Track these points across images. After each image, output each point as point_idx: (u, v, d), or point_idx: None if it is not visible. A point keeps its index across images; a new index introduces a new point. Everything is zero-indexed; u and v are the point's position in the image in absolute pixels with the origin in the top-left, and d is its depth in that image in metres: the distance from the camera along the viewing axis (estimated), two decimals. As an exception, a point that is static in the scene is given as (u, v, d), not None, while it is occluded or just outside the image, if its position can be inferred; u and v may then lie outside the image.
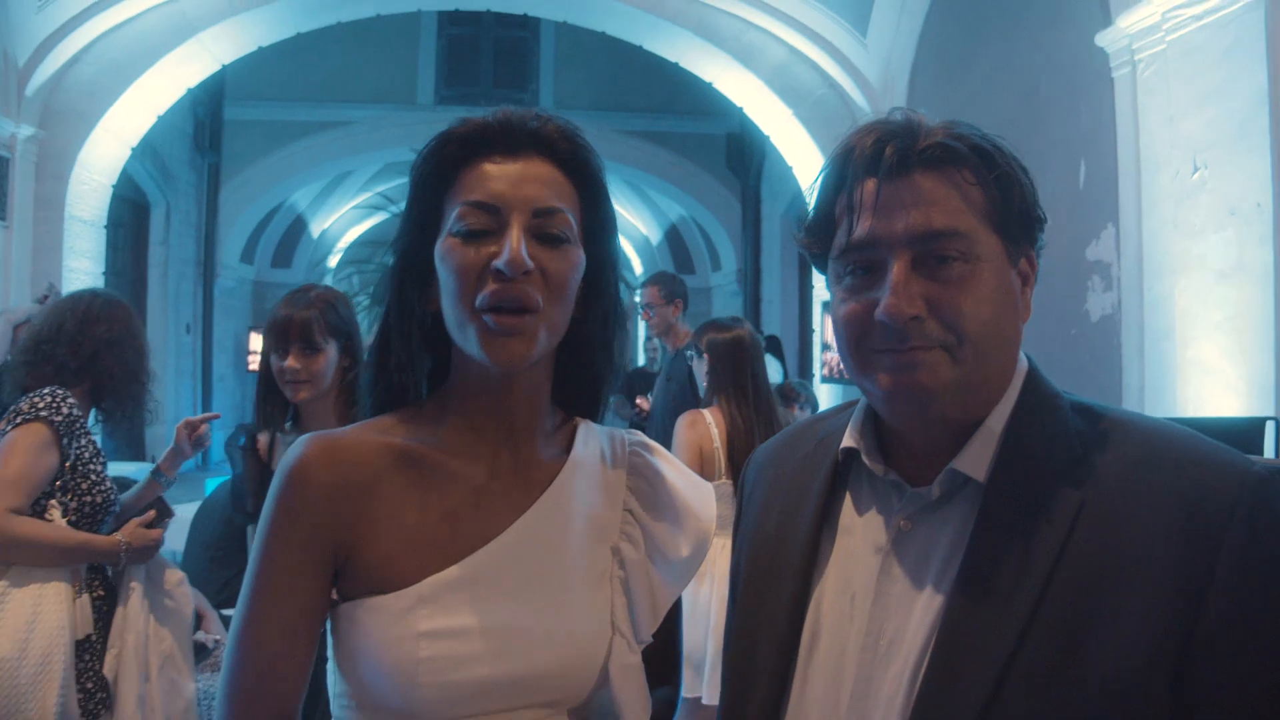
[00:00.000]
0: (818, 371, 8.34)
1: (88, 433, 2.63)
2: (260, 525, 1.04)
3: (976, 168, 0.95)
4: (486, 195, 1.03)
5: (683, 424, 3.43)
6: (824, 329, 8.06)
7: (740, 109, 8.61)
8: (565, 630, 1.05)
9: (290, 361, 2.33)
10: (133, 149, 7.68)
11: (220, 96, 11.76)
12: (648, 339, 7.90)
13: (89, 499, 2.57)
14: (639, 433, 1.25)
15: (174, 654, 2.73)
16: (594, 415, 1.20)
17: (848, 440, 1.05)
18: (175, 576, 2.81)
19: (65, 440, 2.50)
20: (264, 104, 12.04)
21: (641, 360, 8.01)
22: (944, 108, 0.98)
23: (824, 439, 1.11)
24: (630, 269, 15.38)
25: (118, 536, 2.58)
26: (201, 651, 3.51)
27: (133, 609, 2.59)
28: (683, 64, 8.24)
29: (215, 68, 7.72)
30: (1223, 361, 3.77)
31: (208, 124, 11.91)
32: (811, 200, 1.04)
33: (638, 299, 4.94)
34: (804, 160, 8.36)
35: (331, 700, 1.07)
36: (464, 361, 1.08)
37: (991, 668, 0.87)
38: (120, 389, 2.72)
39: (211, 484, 5.83)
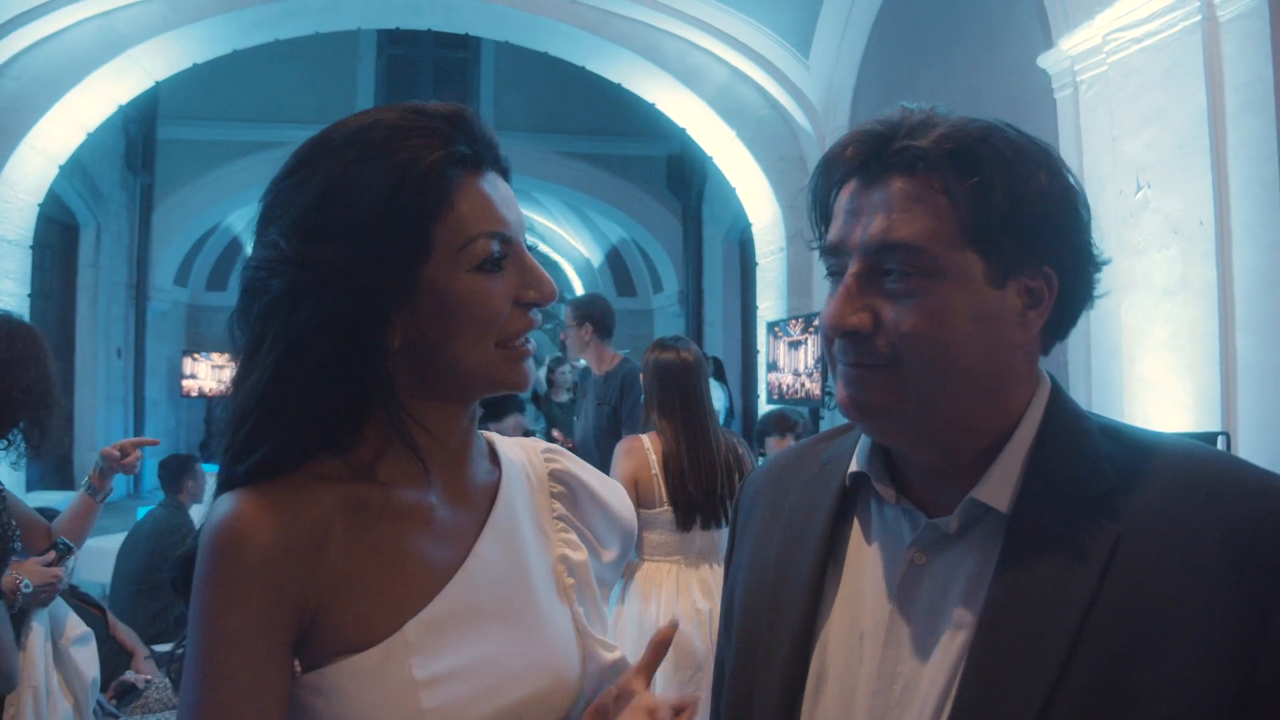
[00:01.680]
0: (763, 393, 8.32)
1: None
2: (198, 606, 0.88)
3: (948, 175, 0.86)
4: (504, 225, 0.97)
5: (619, 453, 3.36)
6: (768, 349, 8.05)
7: (682, 130, 8.62)
8: (548, 647, 1.01)
9: None
10: (61, 167, 7.44)
11: (154, 115, 11.49)
12: (558, 368, 7.75)
13: None
14: (542, 440, 1.22)
15: (70, 716, 2.54)
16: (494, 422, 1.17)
17: (855, 465, 0.98)
18: (76, 630, 2.64)
19: None
20: (199, 123, 11.80)
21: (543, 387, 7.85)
22: (882, 112, 0.94)
23: (828, 463, 1.04)
24: (572, 290, 15.33)
25: (13, 575, 2.42)
26: (130, 692, 3.36)
27: (31, 657, 2.43)
28: (625, 85, 8.23)
29: (148, 84, 7.52)
30: (1169, 378, 3.81)
31: (140, 143, 11.61)
32: (809, 199, 0.98)
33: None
34: (746, 181, 8.39)
35: None
36: (425, 390, 0.98)
37: (1023, 718, 0.79)
38: (20, 413, 2.54)
39: (143, 512, 5.64)
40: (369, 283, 0.92)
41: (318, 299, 0.91)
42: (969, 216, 0.86)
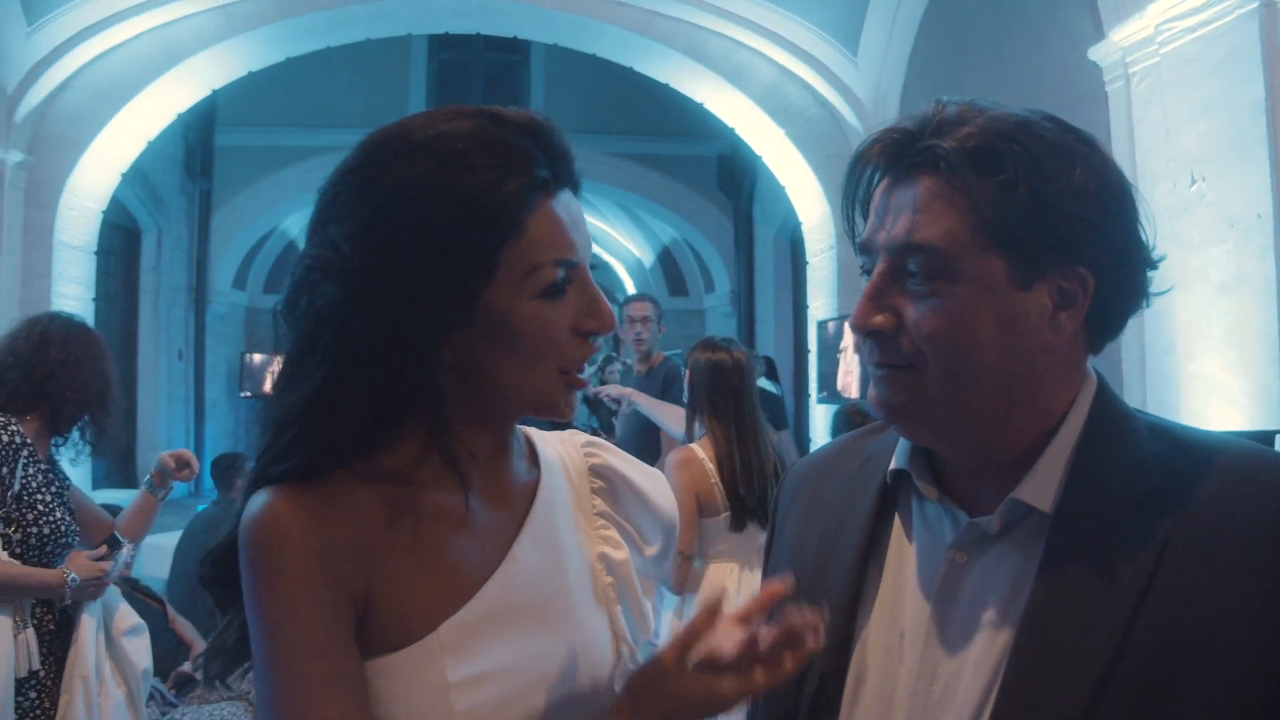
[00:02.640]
0: (813, 392, 8.28)
1: (39, 460, 2.53)
2: (258, 613, 0.88)
3: (968, 175, 0.84)
4: (570, 250, 0.94)
5: (674, 465, 3.28)
6: (819, 348, 8.01)
7: (731, 130, 8.60)
8: (579, 654, 0.98)
9: None
10: (123, 175, 7.65)
11: (211, 122, 11.73)
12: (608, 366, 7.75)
13: (35, 530, 2.46)
14: (578, 431, 1.19)
15: (124, 705, 2.58)
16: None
17: (897, 462, 0.96)
18: (128, 622, 2.68)
19: (2, 469, 2.41)
20: (255, 129, 12.01)
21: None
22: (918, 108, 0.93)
23: (869, 459, 1.02)
24: (623, 291, 15.37)
25: (63, 569, 2.48)
26: (188, 683, 3.44)
27: (82, 648, 2.47)
28: (673, 85, 8.23)
29: (205, 92, 7.69)
30: (1226, 375, 3.73)
31: (199, 149, 11.87)
32: (843, 196, 0.96)
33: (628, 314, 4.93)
34: (796, 180, 8.35)
35: None
36: (478, 406, 0.97)
37: None
38: (77, 413, 2.62)
39: (201, 510, 5.78)
40: (430, 302, 0.89)
41: (374, 313, 0.89)
42: (991, 217, 0.84)
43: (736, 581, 3.20)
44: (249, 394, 12.94)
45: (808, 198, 8.35)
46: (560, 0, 7.39)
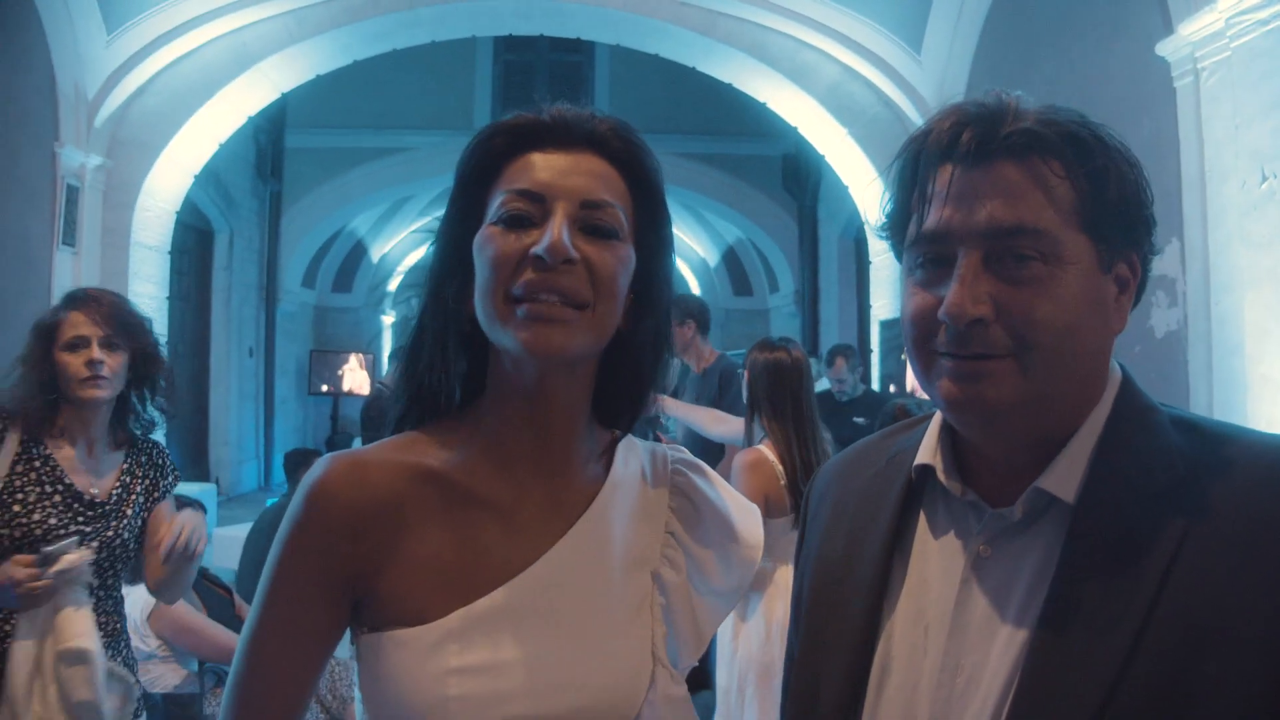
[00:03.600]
0: (877, 390, 8.22)
1: (32, 458, 2.35)
2: (274, 545, 0.99)
3: (1068, 159, 0.85)
4: (531, 183, 0.96)
5: (743, 467, 3.26)
6: (881, 348, 7.95)
7: (795, 129, 8.56)
8: (604, 664, 0.98)
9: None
10: (196, 177, 7.86)
11: (281, 124, 12.02)
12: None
13: (5, 532, 2.26)
14: (683, 449, 1.17)
15: None
16: (629, 429, 1.12)
17: (922, 457, 0.97)
18: (68, 643, 2.16)
19: None
20: (324, 131, 12.28)
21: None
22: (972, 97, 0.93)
23: (896, 456, 1.03)
24: (687, 288, 15.38)
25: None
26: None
27: (13, 665, 2.15)
28: (736, 85, 8.22)
29: (275, 96, 7.87)
30: (1295, 378, 3.63)
31: (269, 151, 12.18)
32: (888, 185, 0.96)
33: None
34: (860, 179, 8.28)
35: None
36: (499, 368, 1.01)
37: (1083, 714, 0.78)
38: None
39: (271, 503, 5.93)
40: (444, 244, 1.03)
41: (430, 282, 1.04)
42: (1086, 202, 0.85)
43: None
44: (327, 389, 13.20)
45: (871, 197, 8.27)
46: (623, 1, 7.43)
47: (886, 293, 8.27)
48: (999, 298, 0.85)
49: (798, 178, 12.73)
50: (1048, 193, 0.85)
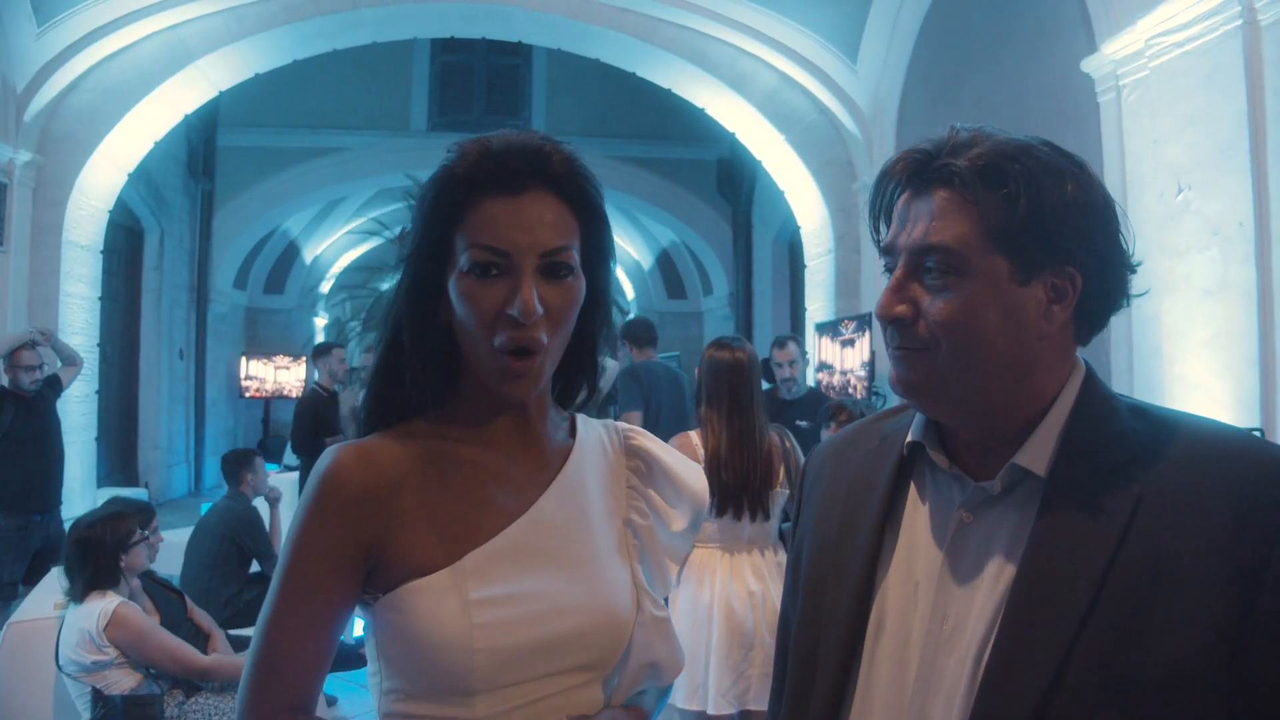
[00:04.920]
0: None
1: None
2: (292, 525, 1.11)
3: (978, 188, 0.99)
4: (498, 240, 1.10)
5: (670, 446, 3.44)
6: (817, 350, 8.12)
7: (731, 134, 8.73)
8: (597, 593, 1.14)
9: None
10: (129, 175, 7.74)
11: (214, 123, 11.83)
12: None
13: None
14: (625, 424, 1.36)
15: None
16: (568, 406, 1.30)
17: (912, 436, 1.12)
18: None
19: None
20: (257, 130, 12.12)
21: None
22: (933, 132, 1.08)
23: (887, 436, 1.18)
24: (622, 293, 15.48)
25: None
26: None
27: None
28: (675, 90, 8.36)
29: (212, 94, 7.80)
30: (1209, 377, 3.86)
31: (201, 150, 11.96)
32: (871, 207, 1.13)
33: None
34: (795, 185, 8.47)
35: (379, 701, 1.13)
36: (478, 373, 1.16)
37: (1055, 652, 0.92)
38: None
39: (205, 508, 5.87)
40: (420, 266, 1.15)
41: (404, 272, 1.17)
42: (996, 223, 0.98)
43: (729, 567, 3.32)
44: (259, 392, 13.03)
45: (807, 202, 8.47)
46: (565, 6, 7.52)
47: (822, 296, 8.46)
48: (920, 302, 1.02)
49: (732, 182, 12.91)
50: (962, 216, 1.00)
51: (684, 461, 1.32)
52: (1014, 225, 0.98)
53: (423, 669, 1.07)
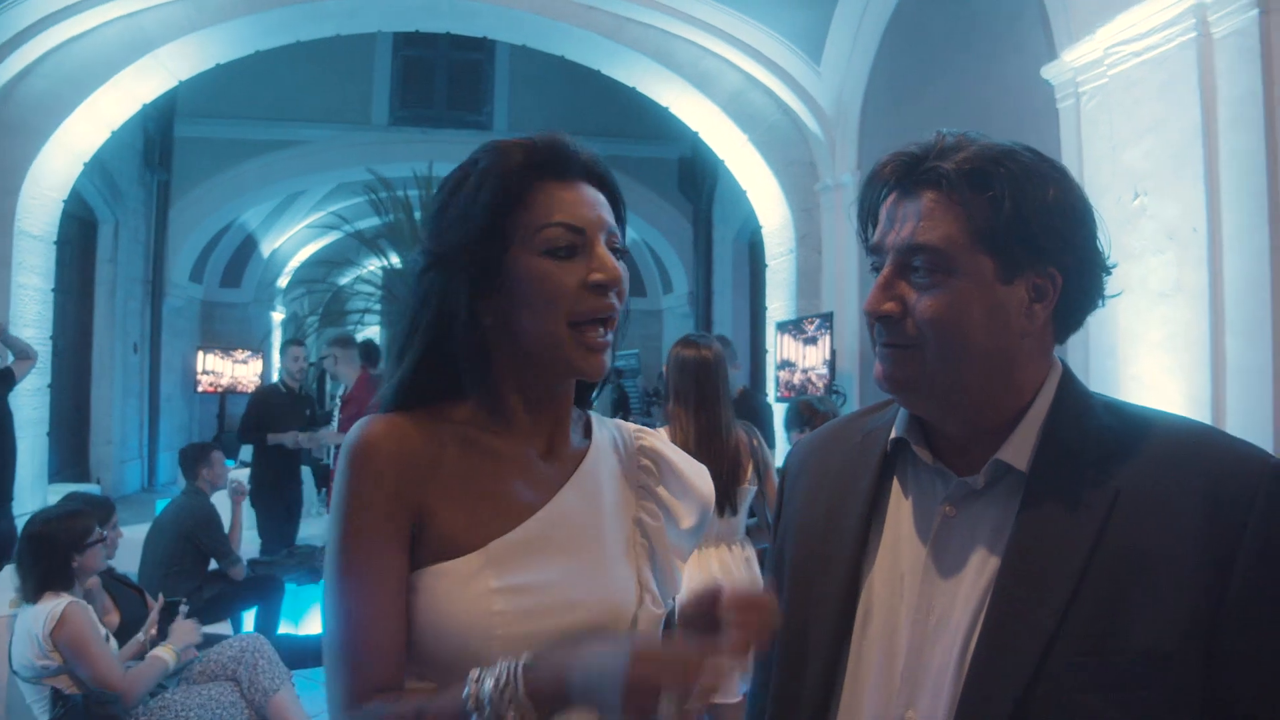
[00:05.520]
0: (771, 390, 8.47)
1: None
2: (337, 501, 1.10)
3: (964, 190, 1.03)
4: (575, 219, 1.14)
5: None
6: (778, 348, 8.19)
7: (694, 133, 8.77)
8: (604, 588, 1.17)
9: None
10: (84, 164, 7.61)
11: (171, 113, 11.64)
12: None
13: None
14: (635, 424, 1.38)
15: None
16: (583, 404, 1.32)
17: (896, 432, 1.15)
18: None
19: None
20: (216, 121, 11.95)
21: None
22: (895, 136, 1.13)
23: (870, 432, 1.22)
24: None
25: None
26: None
27: None
28: (639, 89, 8.38)
29: (172, 84, 7.68)
30: (1163, 378, 3.95)
31: (158, 140, 11.77)
32: (859, 208, 1.16)
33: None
34: (757, 184, 8.53)
35: None
36: (523, 366, 1.17)
37: (1038, 640, 0.96)
38: None
39: (163, 505, 5.80)
40: (461, 262, 1.15)
41: (433, 273, 1.17)
42: (982, 225, 1.02)
43: (695, 558, 3.35)
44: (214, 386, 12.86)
45: (769, 202, 8.54)
46: (531, 2, 7.51)
47: (783, 295, 8.53)
48: (908, 299, 1.06)
49: (694, 181, 12.96)
50: (949, 217, 1.04)
51: (691, 462, 1.35)
52: (998, 226, 1.02)
53: (440, 650, 1.08)
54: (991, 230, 1.02)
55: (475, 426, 1.18)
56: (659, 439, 1.34)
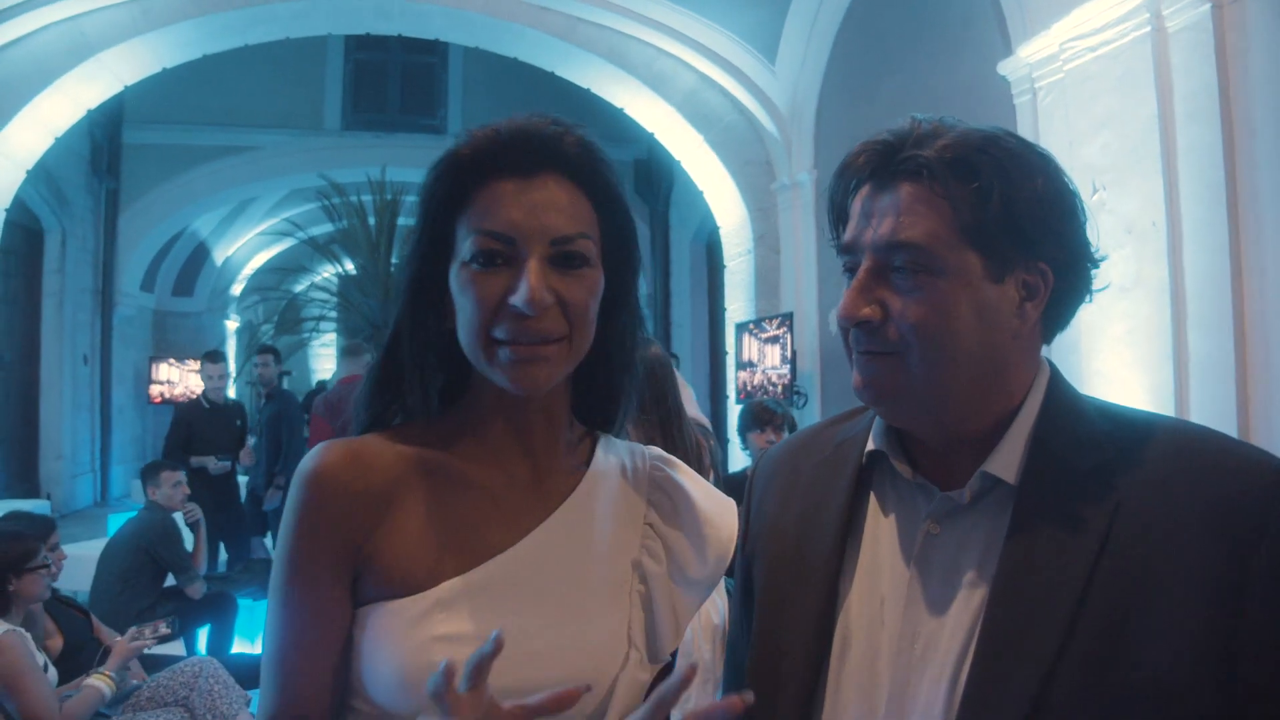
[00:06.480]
0: (731, 393, 8.44)
1: None
2: (283, 526, 1.03)
3: (949, 181, 0.94)
4: (502, 225, 0.99)
5: None
6: (739, 349, 8.17)
7: (649, 134, 8.72)
8: (581, 641, 1.02)
9: None
10: (27, 172, 7.41)
11: (119, 119, 11.37)
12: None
13: None
14: (657, 448, 1.22)
15: None
16: (611, 426, 1.17)
17: (872, 444, 1.06)
18: None
19: None
20: (165, 127, 11.69)
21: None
22: (851, 133, 1.04)
23: (842, 443, 1.11)
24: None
25: None
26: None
27: None
28: (594, 90, 8.31)
29: (117, 88, 7.50)
30: (1125, 372, 3.96)
31: (106, 147, 11.48)
32: (828, 203, 1.06)
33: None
34: (714, 185, 8.50)
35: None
36: (481, 379, 1.06)
37: (1037, 669, 0.87)
38: None
39: (115, 519, 5.66)
40: (422, 259, 1.06)
41: (405, 268, 1.08)
42: (968, 219, 0.94)
43: None
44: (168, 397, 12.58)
45: (726, 202, 8.51)
46: (483, 4, 7.42)
47: (742, 296, 8.50)
48: (889, 303, 0.96)
49: (650, 182, 12.90)
50: (932, 211, 0.94)
51: (716, 498, 1.17)
52: (987, 220, 0.94)
53: (380, 692, 0.99)
54: (979, 225, 0.94)
55: (449, 450, 1.06)
56: (680, 469, 1.18)
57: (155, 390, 12.64)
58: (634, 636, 1.07)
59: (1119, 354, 4.00)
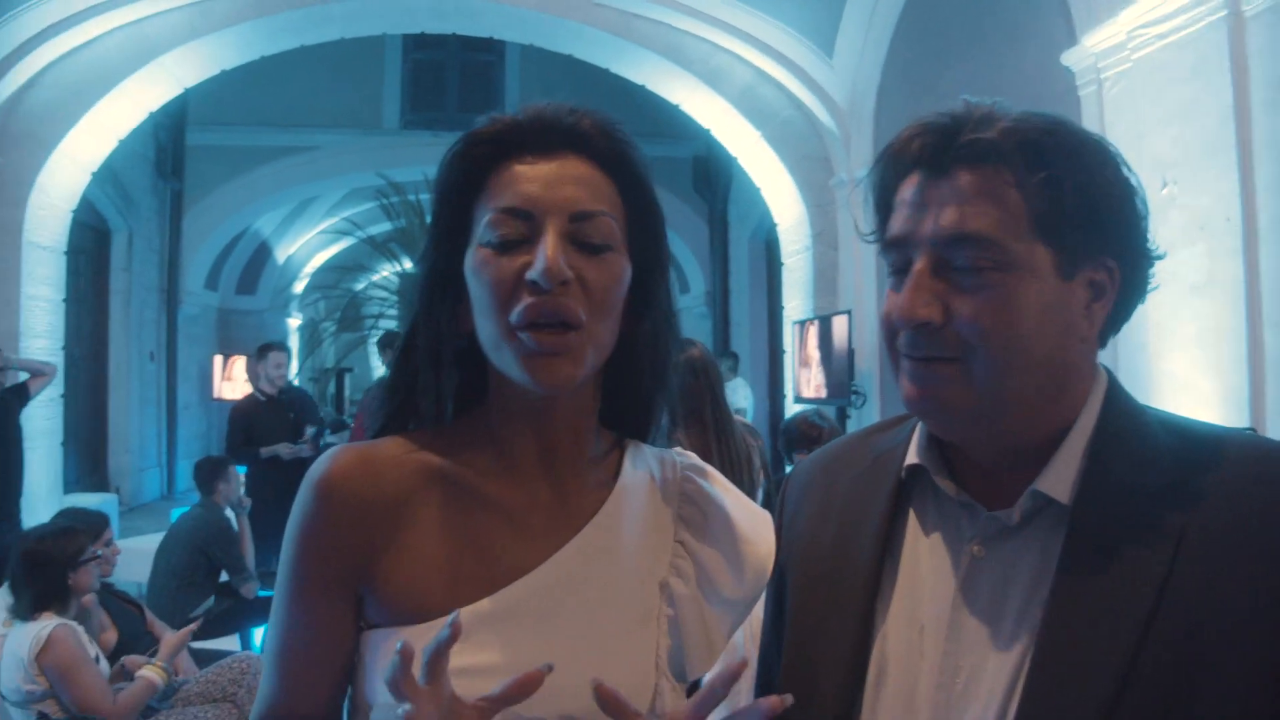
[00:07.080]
0: (789, 393, 8.33)
1: None
2: (288, 530, 0.98)
3: (1019, 167, 0.85)
4: (518, 199, 0.93)
5: None
6: (796, 349, 8.05)
7: (707, 131, 8.63)
8: (604, 671, 0.92)
9: None
10: (93, 174, 7.56)
11: (182, 121, 11.62)
12: None
13: None
14: (692, 454, 1.13)
15: None
16: (644, 436, 1.10)
17: (912, 457, 0.97)
18: None
19: None
20: (227, 129, 11.90)
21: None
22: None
23: (881, 455, 1.03)
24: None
25: None
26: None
27: None
28: (650, 86, 8.25)
29: (178, 91, 7.62)
30: (1196, 374, 3.79)
31: (170, 149, 11.75)
32: (868, 192, 0.97)
33: None
34: (771, 181, 8.39)
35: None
36: (501, 382, 0.98)
37: (1094, 713, 0.78)
38: None
39: (178, 513, 5.74)
40: (433, 264, 1.00)
41: (421, 261, 1.03)
42: (1040, 209, 0.85)
43: None
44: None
45: (783, 199, 8.39)
46: (537, 1, 7.39)
47: (799, 294, 8.38)
48: (950, 303, 0.86)
49: (708, 179, 12.82)
50: (1000, 201, 0.86)
51: (752, 511, 1.09)
52: (1060, 211, 0.84)
53: None
54: (1051, 215, 0.84)
55: (466, 462, 0.99)
56: (715, 479, 1.10)
57: (220, 386, 12.82)
58: (661, 665, 0.99)
59: (1190, 356, 3.83)
